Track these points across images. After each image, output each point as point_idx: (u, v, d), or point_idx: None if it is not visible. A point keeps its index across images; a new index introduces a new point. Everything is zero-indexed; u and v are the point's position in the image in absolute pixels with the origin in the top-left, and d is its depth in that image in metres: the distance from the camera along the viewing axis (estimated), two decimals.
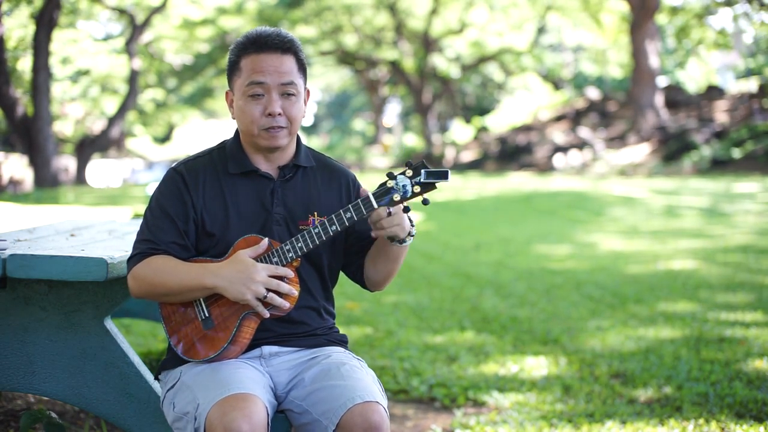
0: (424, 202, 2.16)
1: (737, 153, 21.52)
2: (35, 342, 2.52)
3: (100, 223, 3.73)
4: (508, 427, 3.63)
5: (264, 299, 2.17)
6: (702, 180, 19.21)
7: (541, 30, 38.04)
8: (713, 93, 28.34)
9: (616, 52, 33.02)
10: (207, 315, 2.24)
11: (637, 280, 7.43)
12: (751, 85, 27.89)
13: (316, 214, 2.35)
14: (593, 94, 31.84)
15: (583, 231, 11.80)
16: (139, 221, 3.20)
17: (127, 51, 23.89)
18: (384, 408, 2.13)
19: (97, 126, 31.64)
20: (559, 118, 30.80)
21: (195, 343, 2.25)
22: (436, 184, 2.15)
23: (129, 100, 24.12)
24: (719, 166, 21.35)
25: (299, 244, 2.21)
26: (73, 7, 24.14)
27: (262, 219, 2.32)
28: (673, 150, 22.99)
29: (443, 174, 2.14)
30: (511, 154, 28.02)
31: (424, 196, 2.16)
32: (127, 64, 24.49)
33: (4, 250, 2.49)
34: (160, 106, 36.08)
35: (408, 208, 2.20)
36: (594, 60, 36.63)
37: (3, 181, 25.22)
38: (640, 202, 15.23)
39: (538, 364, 4.63)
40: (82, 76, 28.67)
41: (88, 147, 24.30)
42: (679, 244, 9.93)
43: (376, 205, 2.18)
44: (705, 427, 3.52)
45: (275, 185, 2.35)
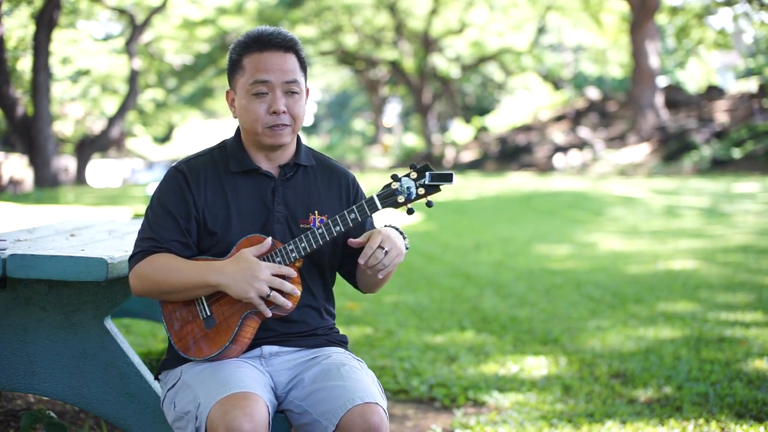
0: (428, 204, 2.17)
1: (737, 153, 21.52)
2: (35, 342, 2.52)
3: (100, 223, 3.73)
4: (508, 427, 3.63)
5: (267, 298, 2.17)
6: (702, 180, 19.21)
7: (541, 30, 38.04)
8: (713, 93, 28.34)
9: (616, 52, 33.03)
10: (209, 314, 2.24)
11: (637, 280, 7.43)
12: (751, 85, 27.88)
13: (316, 212, 2.36)
14: (593, 94, 31.84)
15: (583, 231, 11.79)
16: (140, 221, 3.20)
17: (127, 51, 23.90)
18: (383, 409, 2.13)
19: (97, 126, 31.65)
20: (559, 118, 30.80)
21: (196, 342, 2.25)
22: (440, 187, 2.16)
23: (129, 100, 24.14)
24: (719, 166, 21.35)
25: (303, 244, 2.21)
26: (73, 7, 24.15)
27: (263, 217, 2.32)
28: (673, 150, 22.99)
29: (448, 176, 2.15)
30: (511, 154, 28.02)
31: (428, 198, 2.17)
32: (127, 64, 24.50)
33: (4, 250, 2.49)
34: (160, 106, 36.09)
35: (412, 209, 2.20)
36: (594, 60, 36.64)
37: (3, 181, 25.22)
38: (640, 202, 15.23)
39: (538, 364, 4.63)
40: (82, 76, 28.68)
41: (88, 147, 24.31)
42: (679, 244, 9.93)
43: (380, 207, 2.20)
44: (705, 427, 3.52)
45: (276, 184, 2.35)
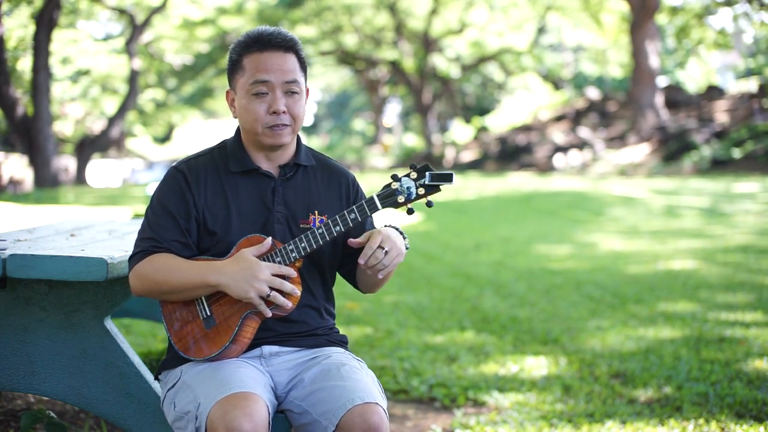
0: (428, 204, 2.18)
1: (737, 153, 21.52)
2: (35, 342, 2.51)
3: (100, 223, 3.73)
4: (508, 427, 3.63)
5: (267, 298, 2.17)
6: (702, 180, 19.21)
7: (541, 30, 38.04)
8: (713, 93, 28.35)
9: (616, 52, 33.03)
10: (209, 314, 2.24)
11: (637, 280, 7.43)
12: (751, 85, 27.88)
13: (316, 212, 2.36)
14: (593, 94, 31.84)
15: (583, 231, 11.79)
16: (139, 221, 3.20)
17: (127, 51, 23.91)
18: (383, 409, 2.13)
19: (97, 126, 31.66)
20: (559, 118, 30.80)
21: (196, 342, 2.25)
22: (440, 187, 2.16)
23: (129, 100, 24.14)
24: (719, 166, 21.35)
25: (303, 244, 2.21)
26: (73, 7, 24.15)
27: (263, 217, 2.32)
28: (673, 150, 22.99)
29: (448, 176, 2.15)
30: (511, 154, 28.02)
31: (428, 198, 2.18)
32: (127, 64, 24.51)
33: (4, 250, 2.49)
34: (160, 106, 36.10)
35: (412, 210, 2.21)
36: (594, 60, 36.64)
37: (3, 181, 25.23)
38: (640, 202, 15.23)
39: (538, 364, 4.63)
40: (82, 76, 28.68)
41: (88, 147, 24.31)
42: (679, 244, 9.93)
43: (380, 207, 2.20)
44: (705, 427, 3.52)
45: (276, 184, 2.36)
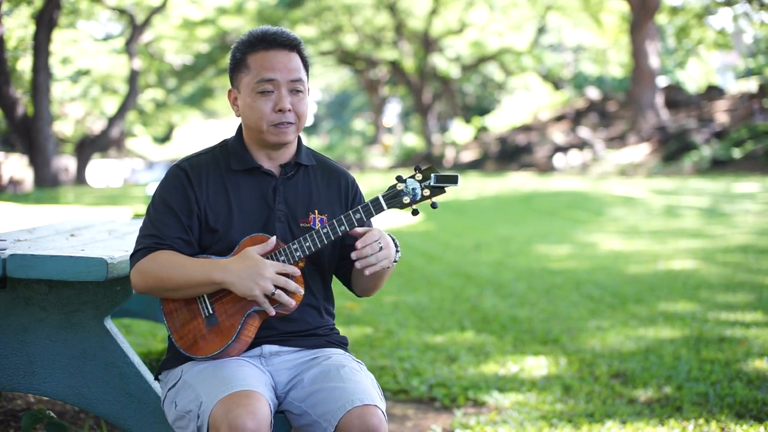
0: (433, 206, 2.20)
1: (737, 153, 21.51)
2: (35, 342, 2.51)
3: (100, 223, 3.73)
4: (508, 427, 3.63)
5: (272, 296, 2.17)
6: (702, 180, 19.21)
7: (541, 30, 38.05)
8: (713, 93, 28.34)
9: (616, 52, 33.03)
10: (211, 312, 2.24)
11: (637, 280, 7.43)
12: (751, 85, 27.88)
13: (316, 211, 2.37)
14: (593, 94, 31.84)
15: (583, 231, 11.80)
16: (140, 221, 3.20)
17: (127, 51, 23.91)
18: (382, 411, 2.13)
19: (97, 126, 31.67)
20: (559, 118, 30.80)
21: (197, 340, 2.25)
22: (445, 188, 2.18)
23: (129, 100, 24.14)
24: (719, 166, 21.35)
25: (307, 243, 2.22)
26: (73, 7, 24.15)
27: (264, 216, 2.33)
28: (673, 150, 22.98)
29: (453, 178, 2.17)
30: (511, 154, 28.01)
31: (433, 199, 2.19)
32: (127, 64, 24.51)
33: (4, 250, 2.49)
34: (160, 106, 36.10)
35: (417, 210, 2.22)
36: (594, 60, 36.65)
37: (3, 181, 25.23)
38: (640, 202, 15.23)
39: (538, 364, 4.63)
40: (82, 76, 28.69)
41: (88, 147, 24.32)
42: (679, 244, 9.93)
43: (386, 207, 2.21)
44: (705, 427, 3.52)
45: (277, 182, 2.36)
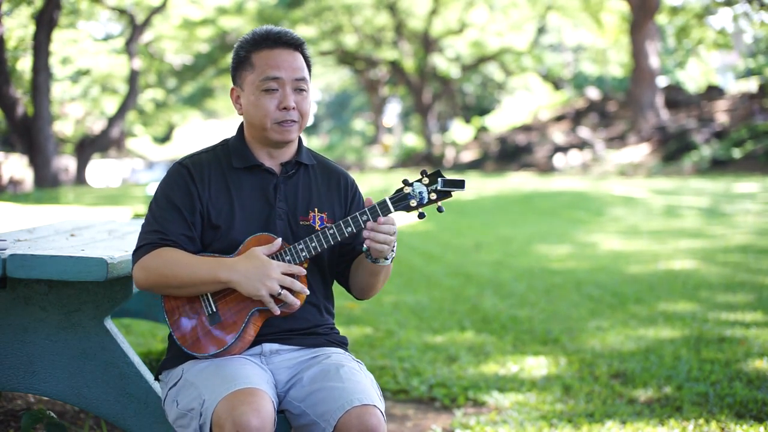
0: (439, 210, 2.22)
1: (737, 153, 21.51)
2: (35, 342, 2.51)
3: (100, 223, 3.73)
4: (508, 427, 3.63)
5: (277, 296, 2.18)
6: (702, 180, 19.21)
7: (541, 30, 38.04)
8: (713, 93, 28.33)
9: (616, 52, 33.03)
10: (214, 310, 2.24)
11: (637, 280, 7.43)
12: (751, 85, 27.88)
13: (316, 210, 2.38)
14: (593, 94, 31.83)
15: (584, 231, 11.80)
16: (140, 221, 3.20)
17: (127, 51, 23.91)
18: (381, 412, 2.13)
19: (97, 126, 31.67)
20: (559, 118, 30.79)
21: (199, 338, 2.25)
22: (452, 193, 2.20)
23: (129, 100, 24.14)
24: (719, 166, 21.34)
25: (313, 244, 2.23)
26: (73, 7, 24.15)
27: (265, 213, 2.34)
28: (673, 150, 22.98)
29: (460, 183, 2.19)
30: (511, 154, 28.01)
31: (439, 203, 2.22)
32: (127, 64, 24.51)
33: (4, 250, 2.49)
34: (160, 106, 36.10)
35: (423, 214, 2.23)
36: (594, 60, 36.65)
37: (3, 181, 25.23)
38: (640, 202, 15.23)
39: (538, 364, 4.63)
40: (82, 76, 28.69)
41: (88, 147, 24.32)
42: (679, 244, 9.93)
43: (393, 210, 2.22)
44: (705, 427, 3.52)
45: (278, 180, 2.37)
